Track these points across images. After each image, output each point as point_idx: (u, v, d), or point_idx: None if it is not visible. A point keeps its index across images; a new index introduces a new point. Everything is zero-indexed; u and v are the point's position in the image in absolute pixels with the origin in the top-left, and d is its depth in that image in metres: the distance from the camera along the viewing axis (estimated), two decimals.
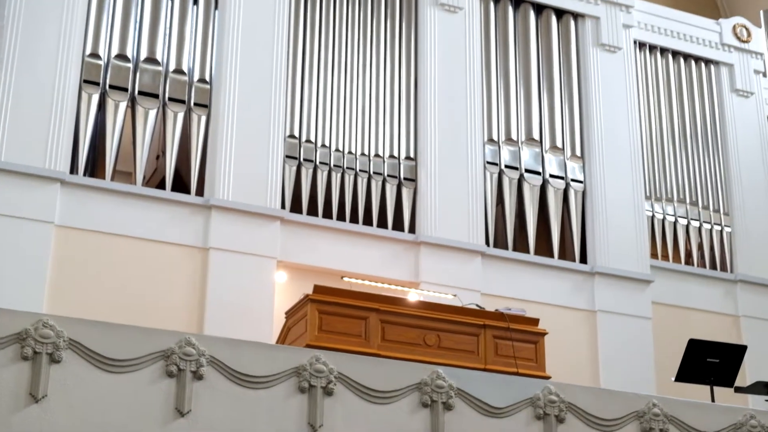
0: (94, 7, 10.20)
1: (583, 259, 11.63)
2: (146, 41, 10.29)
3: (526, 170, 11.61)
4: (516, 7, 12.29)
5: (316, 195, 10.60)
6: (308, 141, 10.70)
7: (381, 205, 10.87)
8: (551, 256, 11.45)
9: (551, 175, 11.71)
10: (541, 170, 11.69)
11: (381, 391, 7.09)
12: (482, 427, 7.31)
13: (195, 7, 10.71)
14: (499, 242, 11.46)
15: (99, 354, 6.37)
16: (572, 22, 12.46)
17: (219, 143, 10.25)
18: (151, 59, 10.25)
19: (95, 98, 9.97)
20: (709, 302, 12.17)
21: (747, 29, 13.53)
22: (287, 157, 10.56)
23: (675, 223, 12.42)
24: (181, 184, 10.35)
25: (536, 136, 11.80)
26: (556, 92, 12.09)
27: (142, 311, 9.36)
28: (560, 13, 12.47)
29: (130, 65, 10.17)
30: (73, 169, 9.81)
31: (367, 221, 10.77)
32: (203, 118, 10.36)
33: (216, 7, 10.79)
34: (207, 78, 10.49)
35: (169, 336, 6.65)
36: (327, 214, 10.63)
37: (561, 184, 11.73)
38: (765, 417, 8.20)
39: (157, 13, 10.43)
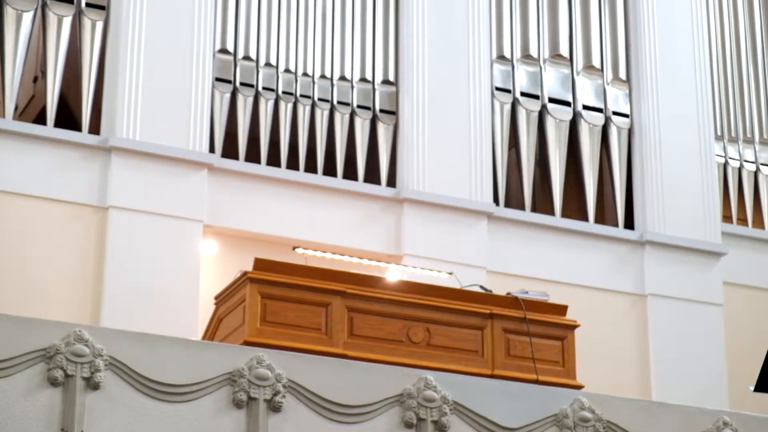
0: None
1: (629, 224, 11.69)
2: None
3: (551, 99, 11.64)
4: None
5: (258, 133, 10.59)
6: (247, 58, 10.69)
7: (348, 147, 10.87)
8: (585, 219, 11.50)
9: (585, 107, 11.74)
10: (571, 100, 11.72)
11: (348, 405, 7.14)
12: None
13: None
14: (513, 200, 11.51)
15: None
16: None
17: (122, 60, 10.21)
18: None
19: None
20: None
21: None
22: (217, 80, 10.55)
23: (756, 173, 12.47)
24: (68, 117, 10.33)
25: (565, 52, 11.82)
26: None
27: (13, 294, 9.35)
28: None
29: None
30: None
31: (330, 170, 10.78)
32: (99, 25, 10.30)
33: None
34: None
35: (53, 328, 6.66)
36: (273, 161, 10.63)
37: (599, 118, 11.76)
38: None
39: None
